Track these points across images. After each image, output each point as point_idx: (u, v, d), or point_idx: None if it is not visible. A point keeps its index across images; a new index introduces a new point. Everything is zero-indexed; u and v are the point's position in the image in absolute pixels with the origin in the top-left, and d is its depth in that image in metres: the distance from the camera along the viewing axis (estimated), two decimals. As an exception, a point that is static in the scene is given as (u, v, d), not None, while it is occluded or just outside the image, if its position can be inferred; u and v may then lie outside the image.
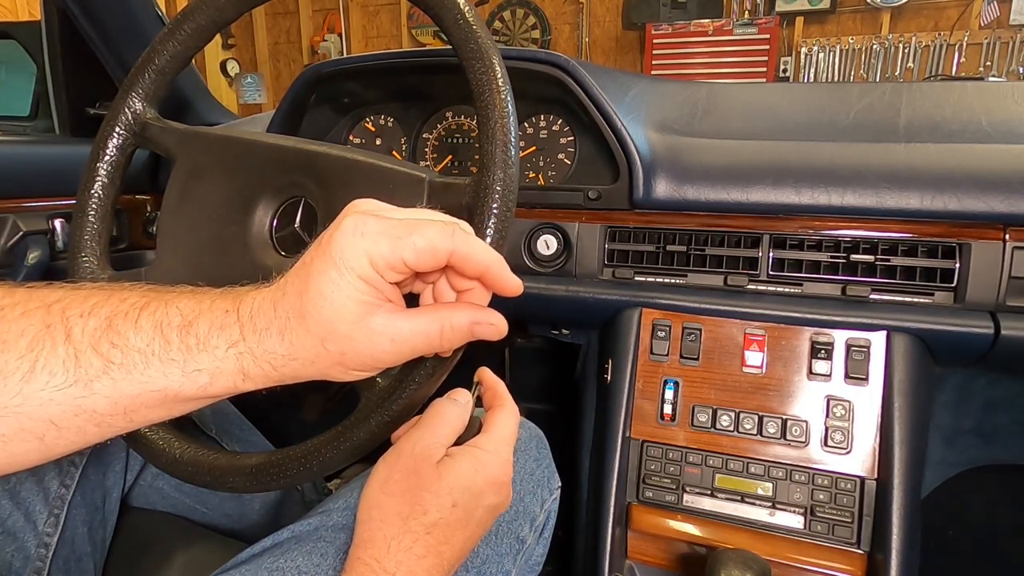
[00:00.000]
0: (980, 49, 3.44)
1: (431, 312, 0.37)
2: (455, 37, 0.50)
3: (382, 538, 0.40)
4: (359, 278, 0.34)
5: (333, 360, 0.35)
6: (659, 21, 3.76)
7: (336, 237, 0.34)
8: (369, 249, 0.33)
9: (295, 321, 0.34)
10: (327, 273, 0.34)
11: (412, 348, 0.36)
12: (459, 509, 0.41)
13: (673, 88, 0.94)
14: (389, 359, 0.36)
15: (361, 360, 0.36)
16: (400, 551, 0.39)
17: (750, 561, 0.62)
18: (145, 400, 0.34)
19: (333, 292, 0.34)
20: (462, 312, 0.37)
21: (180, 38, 0.61)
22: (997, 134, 0.75)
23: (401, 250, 0.34)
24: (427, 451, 0.42)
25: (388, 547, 0.40)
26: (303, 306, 0.34)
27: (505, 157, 0.47)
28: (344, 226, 0.34)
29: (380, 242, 0.34)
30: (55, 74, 1.11)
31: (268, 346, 0.35)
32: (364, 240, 0.34)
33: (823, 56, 3.65)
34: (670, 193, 0.75)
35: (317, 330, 0.34)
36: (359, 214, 0.35)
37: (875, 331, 0.70)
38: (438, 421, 0.44)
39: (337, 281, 0.34)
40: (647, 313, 0.77)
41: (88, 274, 0.61)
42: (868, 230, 0.71)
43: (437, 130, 0.96)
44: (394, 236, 0.34)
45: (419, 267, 0.34)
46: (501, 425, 0.47)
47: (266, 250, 0.58)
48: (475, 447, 0.44)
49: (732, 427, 0.73)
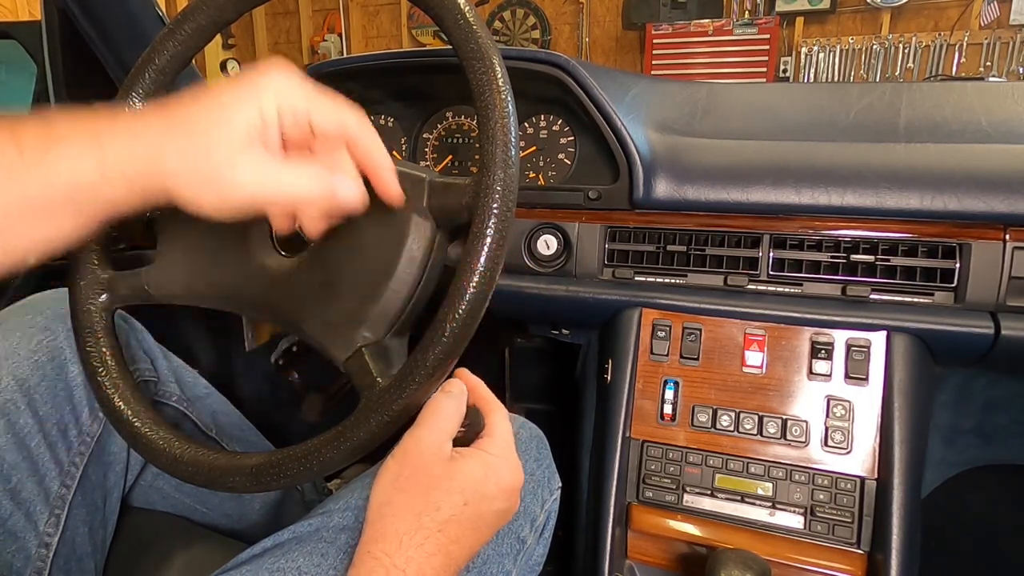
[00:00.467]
0: (980, 49, 3.44)
1: (308, 165, 0.40)
2: (455, 37, 0.50)
3: (394, 533, 0.40)
4: (260, 113, 0.37)
5: (191, 171, 0.37)
6: (659, 21, 3.76)
7: (260, 73, 0.37)
8: (283, 93, 0.37)
9: (171, 126, 0.37)
10: (237, 93, 0.36)
11: (277, 185, 0.39)
12: (470, 508, 0.42)
13: (673, 88, 0.94)
14: (246, 192, 0.39)
15: (218, 186, 0.38)
16: (411, 547, 0.40)
17: (750, 561, 0.62)
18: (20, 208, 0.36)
19: (233, 113, 0.37)
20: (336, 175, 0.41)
21: (180, 38, 0.61)
22: (997, 134, 0.75)
23: (313, 109, 0.37)
24: (433, 448, 0.43)
25: (400, 542, 0.40)
26: (191, 113, 0.37)
27: (505, 157, 0.47)
28: (272, 70, 0.38)
29: (297, 95, 0.37)
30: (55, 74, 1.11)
31: (124, 143, 0.37)
32: (284, 85, 0.37)
33: (823, 56, 3.65)
34: (670, 193, 0.75)
35: (196, 138, 0.36)
36: (292, 73, 0.38)
37: (875, 331, 0.70)
38: (436, 417, 0.44)
39: (241, 104, 0.36)
40: (647, 313, 0.77)
41: (88, 275, 0.62)
42: (868, 230, 0.71)
43: (437, 130, 0.96)
44: (312, 97, 0.37)
45: (320, 129, 0.38)
46: (501, 428, 0.47)
47: (266, 250, 0.58)
48: (484, 451, 0.44)
49: (732, 427, 0.73)
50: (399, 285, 0.51)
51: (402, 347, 0.53)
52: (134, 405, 0.56)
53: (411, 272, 0.51)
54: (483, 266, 0.46)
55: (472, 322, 0.46)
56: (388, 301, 0.51)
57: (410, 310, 0.52)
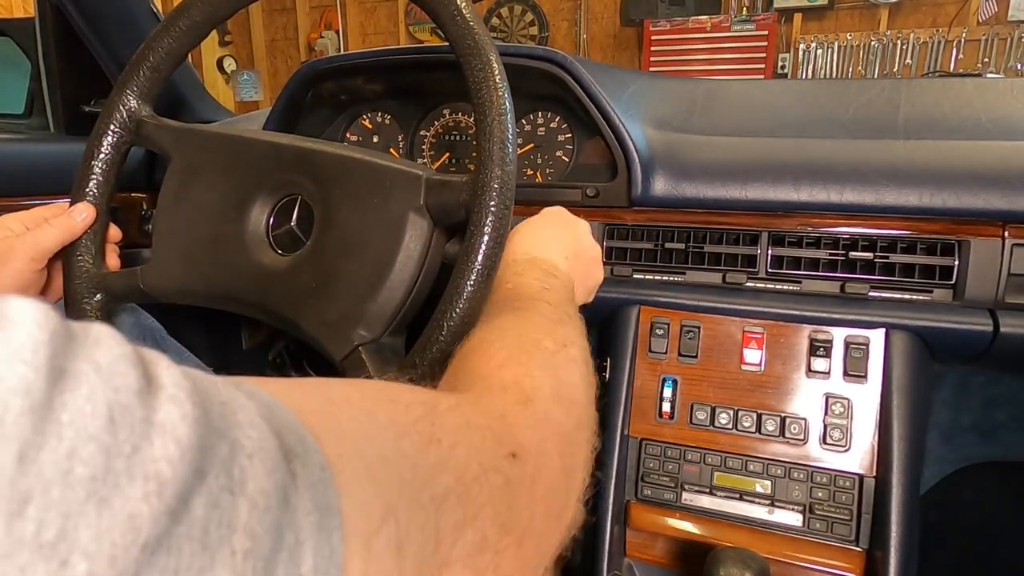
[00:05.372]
0: (978, 45, 3.44)
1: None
2: (452, 34, 0.50)
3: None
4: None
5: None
6: (657, 17, 3.75)
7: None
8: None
9: None
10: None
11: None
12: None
13: (671, 85, 0.94)
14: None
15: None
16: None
17: (749, 559, 0.62)
18: None
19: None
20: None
21: (175, 35, 0.61)
22: (996, 130, 0.75)
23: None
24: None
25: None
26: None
27: (503, 154, 0.47)
28: None
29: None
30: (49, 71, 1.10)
31: None
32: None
33: (821, 52, 3.65)
34: (668, 190, 0.75)
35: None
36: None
37: (874, 328, 0.70)
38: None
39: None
40: (645, 311, 0.77)
41: (84, 273, 0.61)
42: (867, 227, 0.71)
43: (434, 127, 0.96)
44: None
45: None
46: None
47: (262, 248, 0.58)
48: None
49: (731, 425, 0.73)
50: (396, 283, 0.50)
51: (399, 346, 0.53)
52: None
53: (408, 270, 0.51)
54: (481, 264, 0.46)
55: (470, 321, 0.46)
56: (385, 299, 0.50)
57: (407, 308, 0.51)
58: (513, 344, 0.41)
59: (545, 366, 0.39)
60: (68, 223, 0.60)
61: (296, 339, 0.56)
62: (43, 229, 0.58)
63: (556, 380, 0.39)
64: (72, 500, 0.15)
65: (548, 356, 0.41)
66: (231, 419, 0.20)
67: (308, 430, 0.23)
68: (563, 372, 0.40)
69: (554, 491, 0.34)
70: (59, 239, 0.59)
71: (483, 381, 0.37)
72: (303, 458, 0.21)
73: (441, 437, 0.28)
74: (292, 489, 0.20)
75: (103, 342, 0.18)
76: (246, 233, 0.58)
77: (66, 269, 0.61)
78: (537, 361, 0.39)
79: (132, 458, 0.16)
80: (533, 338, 0.42)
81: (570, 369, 0.41)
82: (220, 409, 0.20)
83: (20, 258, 0.57)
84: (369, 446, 0.25)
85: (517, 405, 0.35)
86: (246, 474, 0.19)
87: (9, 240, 0.57)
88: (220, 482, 0.18)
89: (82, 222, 0.60)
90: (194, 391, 0.19)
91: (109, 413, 0.17)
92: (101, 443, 0.16)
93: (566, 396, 0.39)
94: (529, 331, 0.42)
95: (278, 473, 0.20)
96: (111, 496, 0.16)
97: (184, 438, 0.18)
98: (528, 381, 0.37)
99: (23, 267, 0.57)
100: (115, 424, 0.17)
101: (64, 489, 0.15)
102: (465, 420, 0.31)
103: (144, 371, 0.19)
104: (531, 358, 0.40)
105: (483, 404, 0.34)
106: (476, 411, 0.33)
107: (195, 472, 0.18)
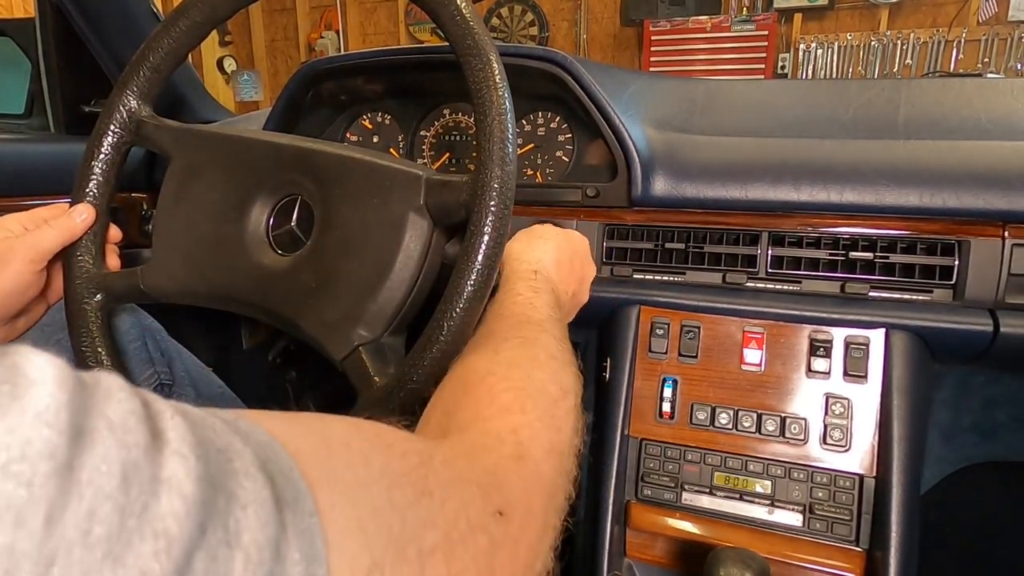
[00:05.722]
0: (978, 46, 3.44)
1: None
2: (452, 34, 0.50)
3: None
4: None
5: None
6: (657, 18, 3.75)
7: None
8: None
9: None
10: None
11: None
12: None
13: (671, 85, 0.94)
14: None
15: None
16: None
17: (749, 559, 0.62)
18: None
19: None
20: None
21: (175, 35, 0.61)
22: (996, 130, 0.74)
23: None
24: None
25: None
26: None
27: (503, 154, 0.47)
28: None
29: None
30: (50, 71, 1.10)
31: None
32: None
33: (821, 53, 3.65)
34: (668, 190, 0.75)
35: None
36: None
37: (874, 328, 0.70)
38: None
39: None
40: (646, 311, 0.77)
41: (84, 273, 0.61)
42: (867, 227, 0.71)
43: (435, 127, 0.96)
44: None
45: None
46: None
47: (263, 248, 0.58)
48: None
49: (731, 425, 0.73)
50: (396, 283, 0.50)
51: (399, 346, 0.53)
52: None
53: (408, 270, 0.51)
54: (481, 264, 0.46)
55: (470, 321, 0.46)
56: (385, 299, 0.50)
57: (407, 309, 0.51)
58: (519, 385, 0.41)
59: (546, 417, 0.39)
60: (68, 224, 0.60)
61: (296, 339, 0.55)
62: (42, 230, 0.58)
63: (554, 433, 0.39)
64: (91, 561, 0.16)
65: (550, 405, 0.41)
66: (227, 467, 0.20)
67: (303, 475, 0.23)
68: (561, 423, 0.40)
69: (535, 549, 0.34)
70: (59, 240, 0.59)
71: (482, 425, 0.37)
72: (294, 507, 0.22)
73: (433, 490, 0.28)
74: (283, 539, 0.21)
75: (113, 395, 0.19)
76: (246, 233, 0.58)
77: (66, 269, 0.61)
78: (540, 411, 0.39)
79: (143, 516, 0.17)
80: (539, 381, 0.42)
81: (568, 420, 0.41)
82: (217, 458, 0.20)
83: (19, 259, 0.57)
84: (362, 495, 0.25)
85: (510, 460, 0.35)
86: (241, 526, 0.19)
87: (8, 241, 0.57)
88: (218, 535, 0.19)
89: (82, 223, 0.60)
90: (196, 444, 0.20)
91: (123, 471, 0.17)
92: (116, 502, 0.17)
93: (558, 450, 0.39)
94: (535, 372, 0.42)
95: (271, 526, 0.20)
96: (124, 554, 0.16)
97: (189, 494, 0.18)
98: (527, 433, 0.37)
99: (22, 268, 0.57)
100: (128, 482, 0.17)
101: (84, 550, 0.16)
102: (458, 474, 0.31)
103: (151, 426, 0.19)
104: (535, 405, 0.40)
105: (478, 458, 0.34)
106: (469, 465, 0.33)
107: (198, 527, 0.18)
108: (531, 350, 0.44)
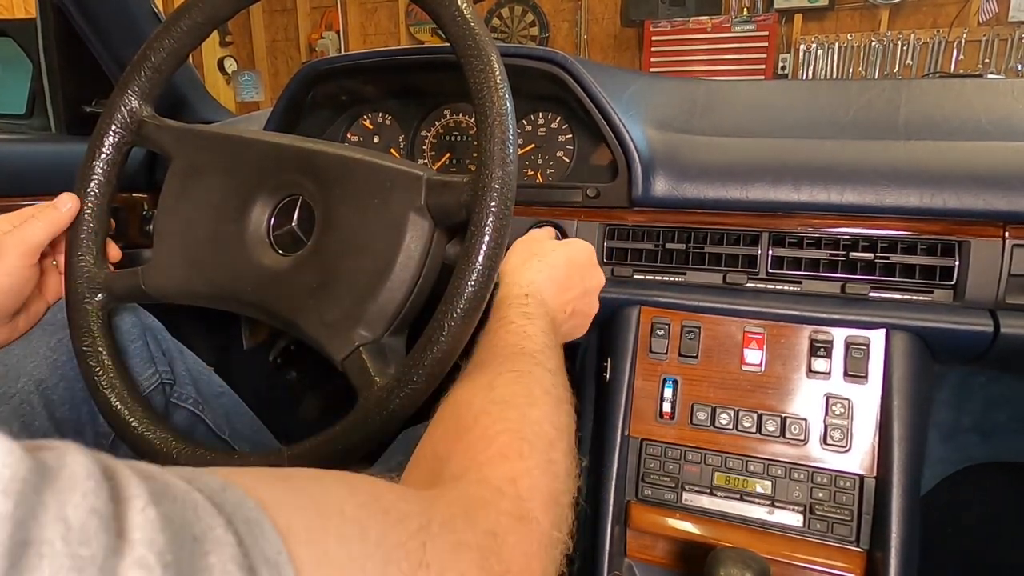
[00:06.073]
0: (978, 46, 3.44)
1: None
2: (453, 34, 0.50)
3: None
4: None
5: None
6: (657, 18, 3.76)
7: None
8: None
9: None
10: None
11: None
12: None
13: (672, 85, 0.94)
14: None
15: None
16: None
17: (749, 559, 0.62)
18: None
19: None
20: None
21: (176, 35, 0.61)
22: (997, 131, 0.75)
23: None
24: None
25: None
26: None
27: (503, 155, 0.47)
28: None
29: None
30: (51, 72, 1.10)
31: None
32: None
33: (822, 53, 3.65)
34: (669, 191, 0.75)
35: None
36: None
37: (874, 329, 0.70)
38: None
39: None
40: (646, 311, 0.77)
41: (85, 273, 0.61)
42: (867, 228, 0.71)
43: (435, 128, 0.96)
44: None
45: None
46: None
47: (263, 249, 0.58)
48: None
49: (731, 425, 0.73)
50: (397, 284, 0.50)
51: (400, 346, 0.53)
52: (131, 405, 0.56)
53: (409, 270, 0.51)
54: (481, 265, 0.46)
55: (471, 321, 0.46)
56: (386, 300, 0.50)
57: (408, 309, 0.51)
58: (515, 427, 0.39)
59: (543, 463, 0.38)
60: (53, 215, 0.60)
61: (297, 339, 0.56)
62: (30, 223, 0.58)
63: (551, 480, 0.38)
64: None
65: (547, 448, 0.39)
66: (200, 563, 0.18)
67: (293, 557, 0.21)
68: (558, 468, 0.39)
69: None
70: (46, 231, 0.59)
71: (478, 472, 0.36)
72: None
73: (431, 561, 0.27)
74: None
75: (78, 487, 0.17)
76: (247, 233, 0.58)
77: (67, 269, 0.61)
78: (537, 457, 0.38)
79: None
80: (535, 422, 0.41)
81: (563, 465, 0.40)
82: (191, 554, 0.18)
83: (11, 254, 0.57)
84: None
85: (511, 519, 0.34)
86: None
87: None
88: None
89: (67, 212, 0.60)
90: (166, 545, 0.18)
91: None
92: None
93: (557, 500, 0.38)
94: (531, 412, 0.41)
95: None
96: None
97: None
98: (526, 483, 0.36)
99: (16, 263, 0.57)
100: None
101: None
102: (457, 538, 0.30)
103: (116, 526, 0.17)
104: (533, 450, 0.38)
105: (476, 516, 0.33)
106: (468, 525, 0.31)
107: None
108: (526, 386, 0.43)
